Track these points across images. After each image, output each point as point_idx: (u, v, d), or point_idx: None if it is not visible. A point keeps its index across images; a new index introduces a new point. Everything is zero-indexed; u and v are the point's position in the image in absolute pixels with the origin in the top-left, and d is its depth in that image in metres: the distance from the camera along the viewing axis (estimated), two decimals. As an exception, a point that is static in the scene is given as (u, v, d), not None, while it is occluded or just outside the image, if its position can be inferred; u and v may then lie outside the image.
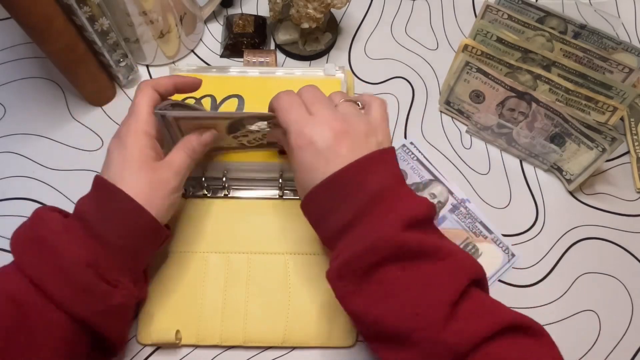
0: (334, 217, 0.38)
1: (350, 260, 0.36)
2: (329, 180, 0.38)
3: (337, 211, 0.38)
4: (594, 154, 0.51)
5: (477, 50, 0.54)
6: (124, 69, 0.58)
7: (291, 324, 0.48)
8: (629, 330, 0.50)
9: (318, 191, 0.39)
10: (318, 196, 0.39)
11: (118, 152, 0.41)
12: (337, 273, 0.38)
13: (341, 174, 0.38)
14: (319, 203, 0.39)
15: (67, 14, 0.49)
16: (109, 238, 0.39)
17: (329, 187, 0.38)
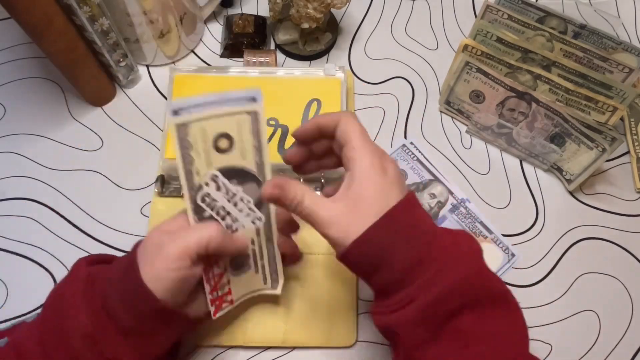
0: (402, 255, 0.34)
1: (433, 304, 0.33)
2: (393, 211, 0.34)
3: (404, 247, 0.34)
4: (594, 154, 0.51)
5: (477, 50, 0.54)
6: (124, 69, 0.58)
7: (291, 324, 0.48)
8: (629, 330, 0.50)
9: (382, 224, 0.34)
10: (381, 231, 0.34)
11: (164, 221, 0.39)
12: (416, 319, 0.33)
13: (402, 206, 0.35)
14: (382, 239, 0.34)
15: (67, 14, 0.49)
16: (115, 314, 0.36)
17: (393, 220, 0.34)
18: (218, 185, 0.37)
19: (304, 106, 0.54)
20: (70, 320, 0.36)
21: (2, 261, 0.51)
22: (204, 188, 0.37)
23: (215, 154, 0.36)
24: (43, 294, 0.49)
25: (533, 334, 0.49)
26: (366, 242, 0.34)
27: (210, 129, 0.35)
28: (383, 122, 0.59)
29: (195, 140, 0.35)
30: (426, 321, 0.34)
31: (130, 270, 0.36)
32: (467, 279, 0.33)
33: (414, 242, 0.34)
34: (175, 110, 0.34)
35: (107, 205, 0.54)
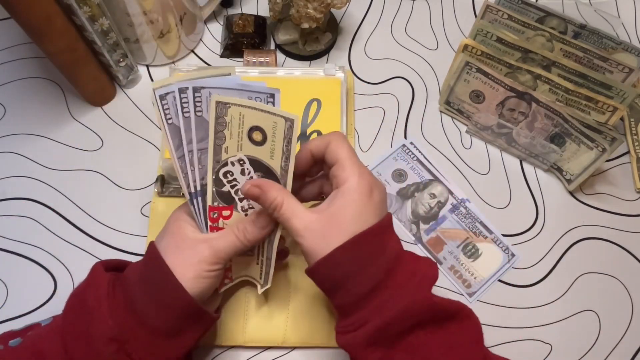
0: (360, 280, 0.36)
1: (385, 326, 0.35)
2: (360, 237, 0.35)
3: (364, 273, 0.35)
4: (594, 154, 0.51)
5: (477, 50, 0.54)
6: (124, 69, 0.58)
7: (291, 323, 0.48)
8: (629, 330, 0.50)
9: (348, 247, 0.35)
10: (347, 253, 0.35)
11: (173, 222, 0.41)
12: (368, 340, 0.35)
13: (371, 233, 0.36)
14: (345, 262, 0.35)
15: (67, 14, 0.49)
16: (145, 315, 0.37)
17: (359, 245, 0.35)
18: (243, 169, 0.39)
19: (304, 106, 0.54)
20: (96, 324, 0.36)
21: (2, 261, 0.51)
22: (229, 166, 0.38)
23: (247, 142, 0.38)
24: (43, 294, 0.50)
25: (533, 334, 0.49)
26: (331, 262, 0.35)
27: (249, 119, 0.37)
28: (383, 122, 0.59)
29: (231, 122, 0.37)
30: (379, 341, 0.35)
31: (162, 272, 0.37)
32: (416, 303, 0.35)
33: (374, 268, 0.36)
34: None
35: (107, 205, 0.54)
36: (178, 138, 0.39)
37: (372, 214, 0.36)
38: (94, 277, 0.39)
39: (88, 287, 0.38)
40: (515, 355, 0.48)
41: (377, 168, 0.57)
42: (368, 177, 0.37)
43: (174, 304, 0.37)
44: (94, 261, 0.51)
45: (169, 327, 0.38)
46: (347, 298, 0.36)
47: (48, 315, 0.42)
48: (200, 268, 0.38)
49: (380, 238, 0.37)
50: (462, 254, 0.52)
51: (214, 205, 0.40)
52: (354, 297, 0.36)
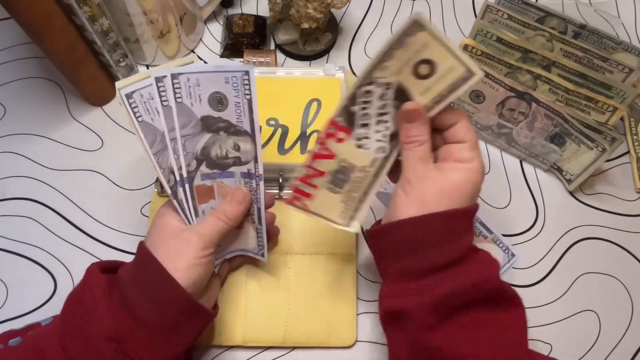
0: (445, 250, 0.36)
1: (451, 295, 0.35)
2: (462, 211, 0.36)
3: (450, 245, 0.36)
4: (594, 154, 0.51)
5: (477, 50, 0.54)
6: (124, 69, 0.58)
7: (291, 323, 0.48)
8: (629, 330, 0.50)
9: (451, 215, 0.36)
10: (447, 221, 0.36)
11: (158, 218, 0.42)
12: (431, 306, 0.35)
13: (470, 211, 0.37)
14: (440, 229, 0.36)
15: (67, 14, 0.49)
16: (141, 313, 0.37)
17: (458, 219, 0.36)
18: (383, 94, 0.37)
19: (304, 106, 0.54)
20: (94, 325, 0.36)
21: (2, 261, 0.51)
22: (373, 86, 0.37)
23: (408, 71, 0.36)
24: (43, 294, 0.50)
25: (533, 334, 0.49)
26: (425, 222, 0.36)
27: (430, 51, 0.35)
28: (383, 122, 0.59)
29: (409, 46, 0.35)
30: (440, 308, 0.35)
31: (153, 268, 0.37)
32: (483, 280, 0.36)
33: (455, 245, 0.36)
34: None
35: (107, 205, 0.54)
36: (152, 134, 0.39)
37: (473, 198, 0.37)
38: (89, 278, 0.39)
39: (84, 287, 0.39)
40: (515, 355, 0.48)
41: (377, 168, 0.57)
42: (484, 165, 0.38)
43: (168, 298, 0.38)
44: (94, 261, 0.51)
45: (166, 323, 0.38)
46: (422, 263, 0.36)
47: (48, 315, 0.42)
48: (190, 256, 0.38)
49: (469, 219, 0.38)
50: (462, 254, 0.52)
51: (336, 121, 0.38)
52: (431, 264, 0.36)
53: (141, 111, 0.39)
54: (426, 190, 0.36)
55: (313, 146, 0.39)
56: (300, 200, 0.42)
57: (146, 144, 0.39)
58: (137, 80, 0.39)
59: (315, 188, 0.41)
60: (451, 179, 0.36)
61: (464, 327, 0.36)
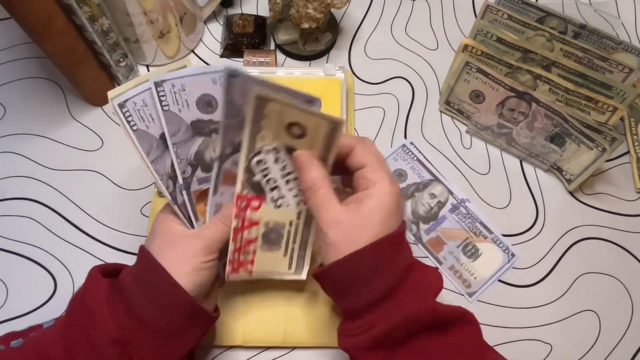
0: (375, 286, 0.36)
1: (390, 330, 0.35)
2: (383, 241, 0.35)
3: (379, 279, 0.36)
4: (594, 154, 0.51)
5: (477, 50, 0.54)
6: (124, 69, 0.58)
7: (291, 323, 0.48)
8: (629, 330, 0.50)
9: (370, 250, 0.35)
10: (368, 256, 0.35)
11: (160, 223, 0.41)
12: (372, 343, 0.36)
13: (393, 238, 0.36)
14: (365, 266, 0.36)
15: (67, 14, 0.49)
16: (145, 317, 0.37)
17: (380, 250, 0.36)
18: (277, 158, 0.38)
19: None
20: (98, 328, 0.36)
21: (2, 261, 0.51)
22: (262, 154, 0.38)
23: (284, 134, 0.37)
24: (43, 294, 0.50)
25: (533, 334, 0.49)
26: (351, 263, 0.35)
27: (289, 115, 0.36)
28: (383, 122, 0.59)
29: (269, 115, 0.36)
30: (382, 345, 0.36)
31: (157, 273, 0.37)
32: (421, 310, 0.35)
33: (390, 275, 0.36)
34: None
35: (107, 205, 0.54)
36: (147, 143, 0.39)
37: (396, 220, 0.37)
38: (91, 282, 0.39)
39: (87, 291, 0.39)
40: (515, 355, 0.48)
41: (377, 168, 0.57)
42: (397, 184, 0.38)
43: (172, 303, 0.38)
44: (94, 261, 0.51)
45: (169, 327, 0.38)
46: (357, 303, 0.36)
47: (48, 314, 0.42)
48: (196, 261, 0.38)
49: (398, 244, 0.37)
50: (462, 254, 0.52)
51: (243, 194, 0.39)
52: (365, 303, 0.36)
53: (135, 119, 0.39)
54: (345, 229, 0.36)
55: (232, 224, 0.40)
56: (243, 267, 0.42)
57: (142, 153, 0.39)
58: (130, 88, 0.38)
59: (253, 253, 0.42)
60: (365, 209, 0.36)
61: (413, 356, 0.36)
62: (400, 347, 0.35)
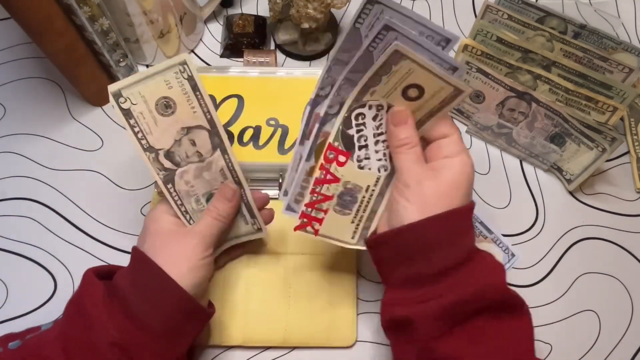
0: (448, 253, 0.36)
1: (460, 303, 0.35)
2: (458, 211, 0.35)
3: (452, 247, 0.36)
4: (594, 154, 0.51)
5: (477, 50, 0.54)
6: (124, 69, 0.58)
7: (291, 324, 0.48)
8: (629, 330, 0.50)
9: (446, 218, 0.35)
10: (444, 223, 0.35)
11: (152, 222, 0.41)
12: (440, 314, 0.35)
13: (467, 210, 0.36)
14: (439, 232, 0.35)
15: (67, 14, 0.49)
16: (144, 318, 0.37)
17: (455, 220, 0.36)
18: (377, 115, 0.38)
19: (304, 106, 0.54)
20: (96, 331, 0.36)
21: (2, 261, 0.51)
22: (365, 108, 0.37)
23: (397, 94, 0.36)
24: (43, 294, 0.50)
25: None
26: (424, 227, 0.35)
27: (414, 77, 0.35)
28: (383, 122, 0.59)
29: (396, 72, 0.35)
30: (447, 317, 0.35)
31: (154, 274, 0.37)
32: (489, 287, 0.35)
33: (462, 246, 0.36)
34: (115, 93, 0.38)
35: (107, 205, 0.54)
36: None
37: (469, 194, 0.37)
38: (88, 285, 0.39)
39: (84, 295, 0.38)
40: (515, 355, 0.48)
41: (377, 168, 0.57)
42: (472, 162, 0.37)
43: (170, 302, 0.38)
44: (94, 261, 0.51)
45: (168, 326, 0.38)
46: (426, 268, 0.36)
47: (48, 314, 0.42)
48: (195, 258, 0.39)
49: (469, 218, 0.37)
50: (462, 254, 0.52)
51: (334, 145, 0.39)
52: (436, 270, 0.35)
53: None
54: (426, 192, 0.36)
55: (316, 173, 0.40)
56: (311, 225, 0.42)
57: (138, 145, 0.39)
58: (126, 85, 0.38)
59: (325, 212, 0.41)
60: (446, 177, 0.36)
61: (472, 336, 0.35)
62: (462, 322, 0.35)
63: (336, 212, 0.41)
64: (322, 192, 0.40)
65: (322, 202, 0.40)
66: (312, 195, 0.40)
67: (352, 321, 0.48)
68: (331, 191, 0.40)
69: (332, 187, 0.40)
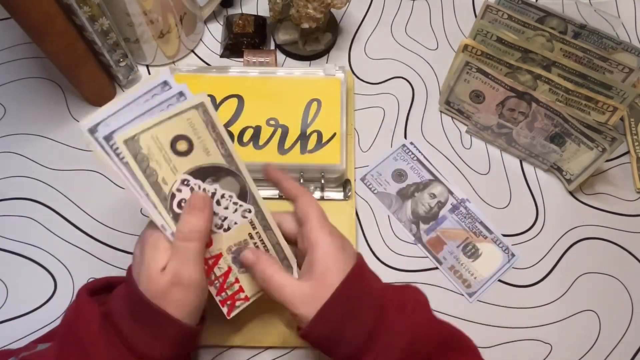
0: (356, 325, 0.36)
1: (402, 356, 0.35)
2: (344, 284, 0.36)
3: (358, 318, 0.36)
4: (594, 154, 0.51)
5: (477, 50, 0.54)
6: (124, 69, 0.58)
7: (292, 324, 0.48)
8: (629, 330, 0.50)
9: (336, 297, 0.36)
10: (336, 303, 0.36)
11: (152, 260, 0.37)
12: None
13: (352, 276, 0.36)
14: (337, 312, 0.36)
15: (67, 14, 0.49)
16: (142, 350, 0.36)
17: (345, 292, 0.36)
18: (192, 188, 0.37)
19: (304, 106, 0.54)
20: None
21: (2, 261, 0.51)
22: (177, 195, 0.36)
23: (177, 159, 0.35)
24: (43, 294, 0.50)
25: (533, 334, 0.49)
26: (322, 320, 0.36)
27: (163, 135, 0.34)
28: (383, 122, 0.59)
29: (149, 151, 0.34)
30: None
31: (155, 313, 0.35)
32: (418, 337, 0.36)
33: (365, 313, 0.36)
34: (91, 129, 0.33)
35: (107, 205, 0.54)
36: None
37: (349, 263, 0.37)
38: (82, 309, 0.37)
39: (79, 319, 0.37)
40: (515, 355, 0.48)
41: (377, 168, 0.57)
42: (338, 234, 0.39)
43: (172, 336, 0.36)
44: (94, 261, 0.51)
45: (166, 356, 0.37)
46: (346, 350, 0.36)
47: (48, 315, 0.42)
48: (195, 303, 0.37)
49: (361, 279, 0.38)
50: (462, 254, 0.52)
51: None
52: (355, 347, 0.36)
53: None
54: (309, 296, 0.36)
55: None
56: (236, 299, 0.41)
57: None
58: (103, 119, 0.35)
59: (236, 281, 0.41)
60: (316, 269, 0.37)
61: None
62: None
63: (245, 273, 0.41)
64: (218, 275, 0.40)
65: (225, 281, 0.40)
66: (213, 285, 0.39)
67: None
68: (224, 267, 0.40)
69: (221, 263, 0.40)
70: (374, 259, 0.52)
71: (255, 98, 0.54)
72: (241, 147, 0.52)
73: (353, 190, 0.54)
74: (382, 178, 0.56)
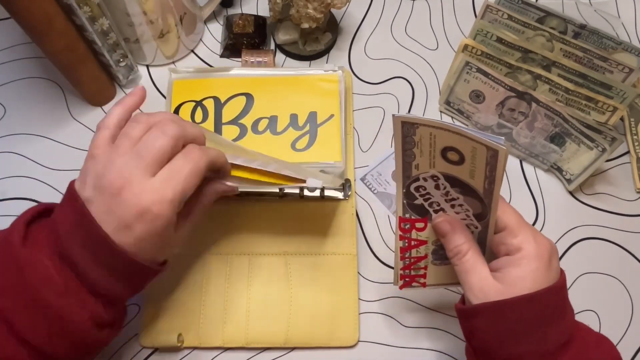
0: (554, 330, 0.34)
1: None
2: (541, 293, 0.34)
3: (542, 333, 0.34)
4: (594, 154, 0.51)
5: (477, 50, 0.54)
6: (124, 69, 0.58)
7: (293, 324, 0.48)
8: (629, 330, 0.50)
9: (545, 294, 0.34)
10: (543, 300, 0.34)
11: None
12: None
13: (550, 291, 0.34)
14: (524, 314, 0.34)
15: (67, 14, 0.49)
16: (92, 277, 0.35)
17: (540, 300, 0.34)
18: (438, 184, 0.37)
19: (303, 106, 0.54)
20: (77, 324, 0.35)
21: None
22: (420, 181, 0.38)
23: (441, 160, 0.36)
24: (43, 294, 0.50)
25: (533, 334, 0.49)
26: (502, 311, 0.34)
27: (440, 140, 0.35)
28: (383, 122, 0.59)
29: (420, 141, 0.35)
30: None
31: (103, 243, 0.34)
32: None
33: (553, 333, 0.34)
34: None
35: (107, 205, 0.54)
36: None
37: (550, 280, 0.35)
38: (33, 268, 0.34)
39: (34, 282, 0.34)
40: (516, 355, 0.48)
41: (377, 168, 0.57)
42: (544, 242, 0.35)
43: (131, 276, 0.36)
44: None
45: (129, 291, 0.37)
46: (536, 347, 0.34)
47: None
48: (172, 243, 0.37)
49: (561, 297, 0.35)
50: (462, 254, 0.52)
51: (405, 217, 0.40)
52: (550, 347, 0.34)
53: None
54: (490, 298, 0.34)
55: (399, 244, 0.41)
56: (415, 280, 0.44)
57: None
58: None
59: (424, 269, 0.42)
60: (511, 279, 0.34)
61: None
62: None
63: (437, 265, 0.42)
64: (413, 256, 0.41)
65: (417, 263, 0.42)
66: (403, 260, 0.41)
67: (353, 321, 0.48)
68: (422, 252, 0.41)
69: (421, 249, 0.41)
70: (374, 259, 0.52)
71: (264, 96, 0.54)
72: (256, 136, 0.52)
73: (353, 190, 0.54)
74: (382, 178, 0.56)
